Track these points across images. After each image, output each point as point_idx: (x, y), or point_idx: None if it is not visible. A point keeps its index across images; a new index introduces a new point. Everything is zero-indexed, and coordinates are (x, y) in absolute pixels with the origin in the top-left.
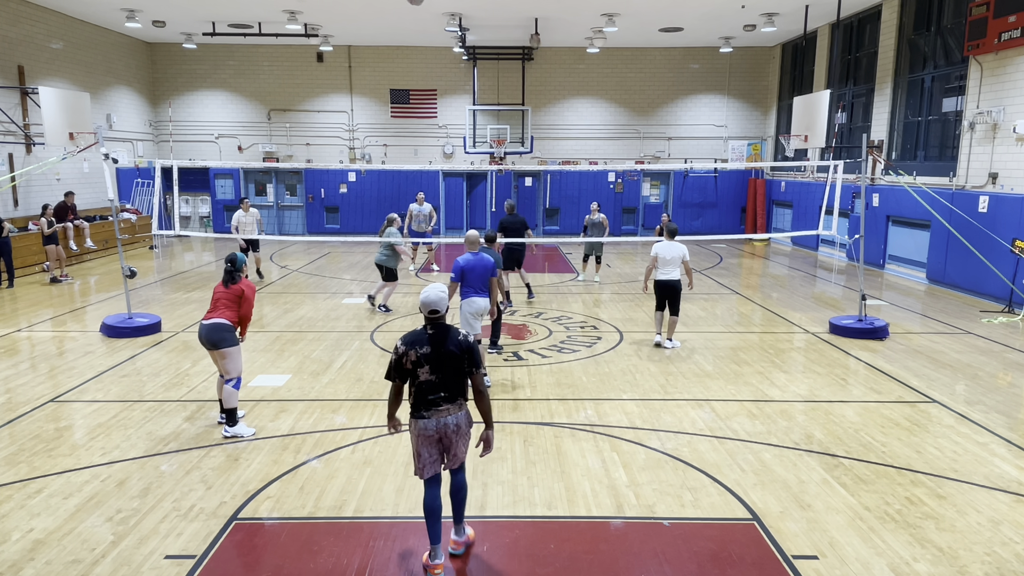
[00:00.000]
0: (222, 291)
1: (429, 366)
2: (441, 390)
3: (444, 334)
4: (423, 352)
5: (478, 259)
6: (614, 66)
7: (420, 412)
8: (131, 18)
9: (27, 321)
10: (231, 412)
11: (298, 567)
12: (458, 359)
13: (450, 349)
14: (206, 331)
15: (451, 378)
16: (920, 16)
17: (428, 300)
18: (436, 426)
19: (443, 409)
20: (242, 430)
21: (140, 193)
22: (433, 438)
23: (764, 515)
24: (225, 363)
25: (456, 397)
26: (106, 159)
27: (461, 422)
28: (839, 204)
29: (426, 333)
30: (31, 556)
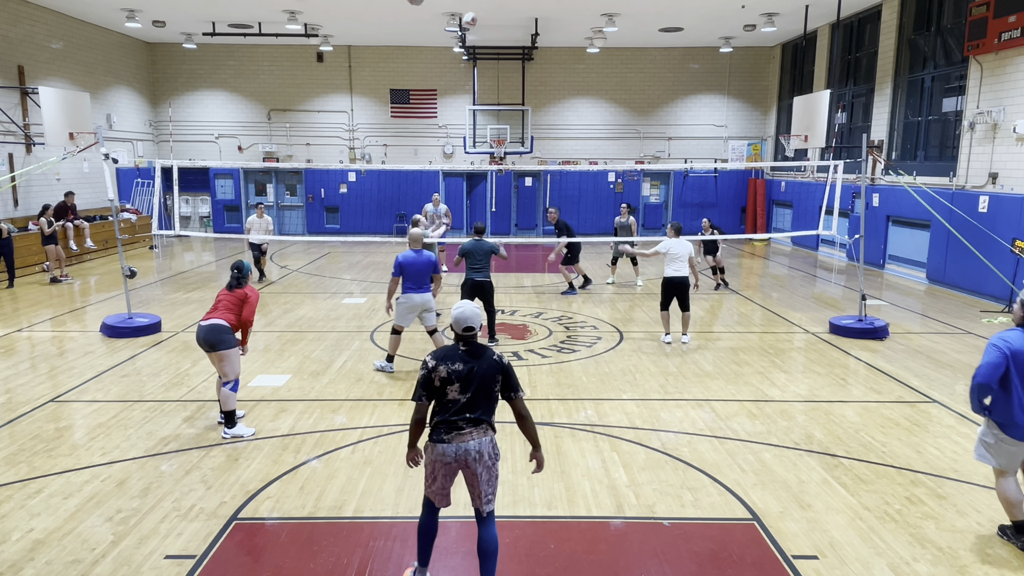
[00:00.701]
0: (225, 294)
1: (460, 384)
2: (467, 411)
3: (479, 352)
4: (454, 369)
5: (418, 256)
6: (614, 66)
7: (440, 435)
8: (131, 18)
9: (27, 321)
10: (229, 415)
11: (298, 567)
12: (492, 380)
13: (485, 368)
14: (204, 332)
15: (481, 400)
16: (920, 16)
17: (464, 316)
18: (456, 452)
19: (466, 433)
20: (241, 431)
21: (140, 193)
22: (452, 467)
23: (764, 515)
24: (223, 365)
25: (482, 421)
26: (106, 159)
27: (484, 449)
28: (839, 204)
29: (459, 349)
30: (31, 556)
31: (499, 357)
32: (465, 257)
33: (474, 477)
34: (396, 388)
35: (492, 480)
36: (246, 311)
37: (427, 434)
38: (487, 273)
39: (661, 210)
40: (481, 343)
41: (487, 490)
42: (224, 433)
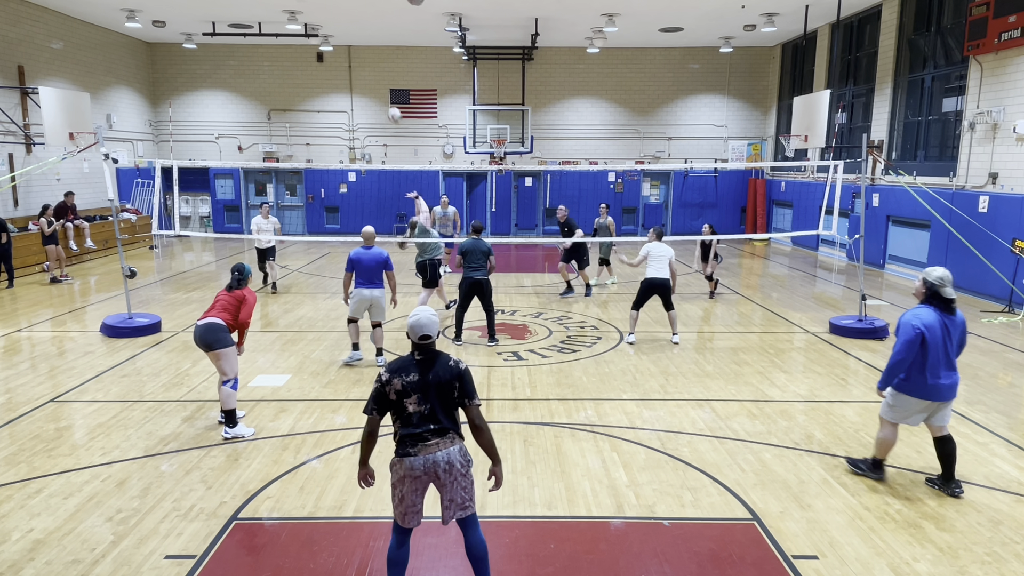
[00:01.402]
0: (224, 295)
1: (417, 396)
2: (430, 422)
3: (433, 360)
4: (409, 380)
5: (368, 252)
6: (614, 66)
7: (406, 449)
8: (131, 18)
9: (27, 321)
10: (230, 413)
11: (298, 567)
12: (449, 387)
13: (440, 376)
14: (200, 331)
15: (441, 409)
16: (920, 16)
17: (419, 324)
18: (424, 464)
19: (432, 444)
20: (242, 431)
21: (140, 193)
22: (422, 480)
23: (764, 515)
24: (220, 364)
25: (447, 431)
26: (106, 159)
27: (454, 459)
28: (839, 204)
29: (413, 360)
30: (31, 556)
31: (456, 363)
32: (463, 256)
33: (444, 487)
34: None
35: (468, 487)
36: (243, 312)
37: (393, 450)
38: (485, 272)
39: (661, 210)
40: (437, 350)
41: (464, 496)
42: (225, 432)
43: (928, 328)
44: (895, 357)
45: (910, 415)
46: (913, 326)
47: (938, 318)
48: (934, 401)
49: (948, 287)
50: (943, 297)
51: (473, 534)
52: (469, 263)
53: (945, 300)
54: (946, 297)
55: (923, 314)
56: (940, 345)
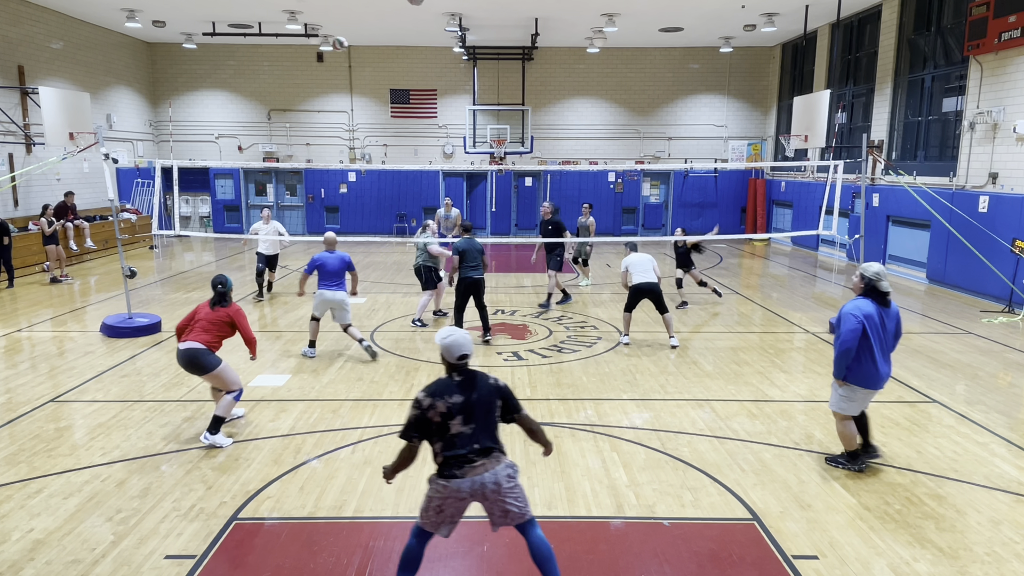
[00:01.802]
0: (205, 312)
1: (461, 417)
2: (475, 443)
3: (473, 379)
4: (453, 402)
5: (332, 256)
6: (614, 66)
7: (452, 471)
8: (131, 18)
9: (27, 321)
10: (218, 420)
11: (298, 567)
12: (492, 406)
13: (482, 395)
14: (184, 359)
15: (486, 429)
16: (920, 16)
17: (457, 344)
18: (471, 487)
19: (479, 465)
20: (220, 440)
21: (140, 193)
22: (467, 501)
23: (764, 515)
24: (220, 382)
25: (492, 450)
26: (106, 159)
27: (500, 479)
28: (839, 204)
29: (453, 381)
30: (31, 556)
31: (495, 380)
32: (461, 256)
33: (493, 505)
34: (396, 388)
35: (520, 495)
36: (243, 332)
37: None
38: (482, 271)
39: (661, 210)
40: (474, 369)
41: (518, 505)
42: (204, 437)
43: (868, 318)
44: (843, 346)
45: (862, 405)
46: (855, 316)
47: (876, 310)
48: (877, 390)
49: (884, 281)
50: (879, 290)
51: (534, 535)
52: (468, 262)
53: (881, 293)
54: (882, 290)
55: (863, 305)
56: (880, 335)
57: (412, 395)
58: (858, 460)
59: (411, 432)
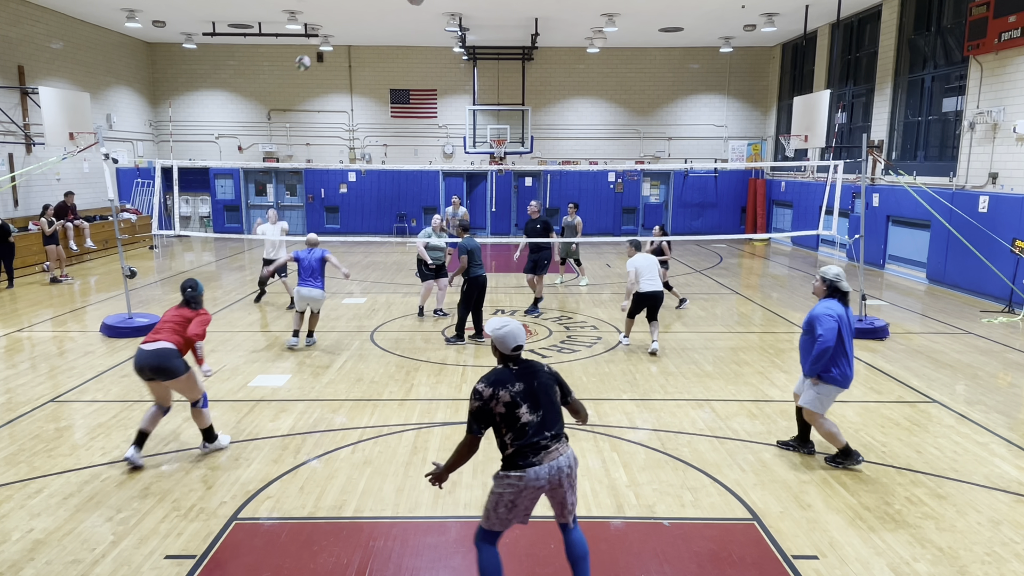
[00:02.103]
0: (173, 312)
1: (527, 404)
2: (546, 429)
3: (533, 368)
4: (516, 391)
5: (308, 254)
6: (614, 66)
7: (528, 460)
8: (131, 18)
9: (27, 321)
10: (208, 431)
11: (298, 567)
12: (553, 391)
13: (543, 381)
14: (150, 358)
15: (552, 414)
16: (920, 16)
17: (512, 335)
18: (549, 473)
19: (553, 451)
20: (221, 442)
21: (140, 193)
22: (542, 489)
23: (764, 515)
24: (183, 392)
25: (561, 435)
26: (106, 159)
27: (572, 462)
28: (839, 204)
29: (511, 370)
30: (31, 556)
31: (547, 367)
32: (470, 255)
33: (564, 492)
34: (396, 388)
35: (575, 487)
36: (193, 327)
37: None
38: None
39: (661, 210)
40: (523, 360)
41: (573, 500)
42: (203, 447)
43: (840, 318)
44: (822, 345)
45: (832, 402)
46: (831, 316)
47: (844, 310)
48: (846, 388)
49: (844, 281)
50: (841, 291)
51: (577, 533)
52: (476, 261)
53: (843, 293)
54: (843, 290)
55: (834, 306)
56: (850, 335)
57: (412, 395)
58: (852, 455)
59: (477, 425)
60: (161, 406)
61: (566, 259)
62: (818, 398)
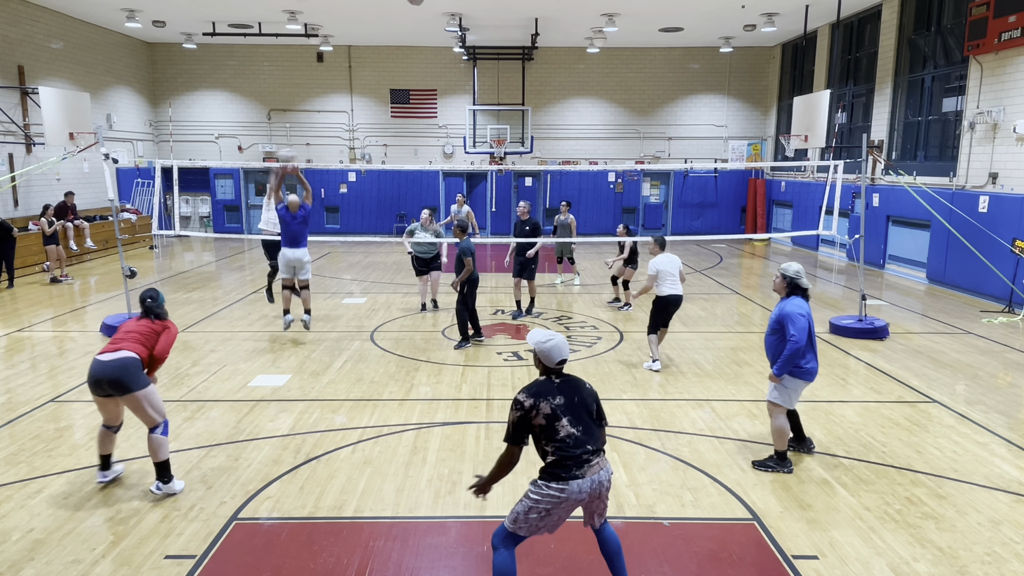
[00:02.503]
0: (137, 324)
1: (568, 418)
2: (587, 443)
3: (575, 382)
4: (557, 403)
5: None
6: (614, 66)
7: (570, 472)
8: (131, 18)
9: (27, 321)
10: (163, 465)
11: (298, 567)
12: (591, 407)
13: (584, 397)
14: (109, 370)
15: (592, 429)
16: (920, 16)
17: (558, 347)
18: (591, 486)
19: (595, 464)
20: (176, 486)
21: (140, 193)
22: (581, 501)
23: (764, 515)
24: (143, 410)
25: (600, 449)
26: (106, 159)
27: (609, 476)
28: (839, 204)
29: (553, 383)
30: (31, 556)
31: (590, 385)
32: (473, 256)
33: (601, 504)
34: (396, 388)
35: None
36: (161, 343)
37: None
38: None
39: (661, 210)
40: (565, 375)
41: (606, 505)
42: (156, 488)
43: (807, 315)
44: (795, 346)
45: (798, 396)
46: (799, 314)
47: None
48: (811, 382)
49: (804, 278)
50: (802, 287)
51: (607, 529)
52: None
53: (803, 289)
54: (803, 287)
55: (801, 304)
56: (813, 330)
57: (412, 395)
58: (786, 462)
59: (518, 435)
60: (110, 426)
61: (562, 258)
62: (786, 392)
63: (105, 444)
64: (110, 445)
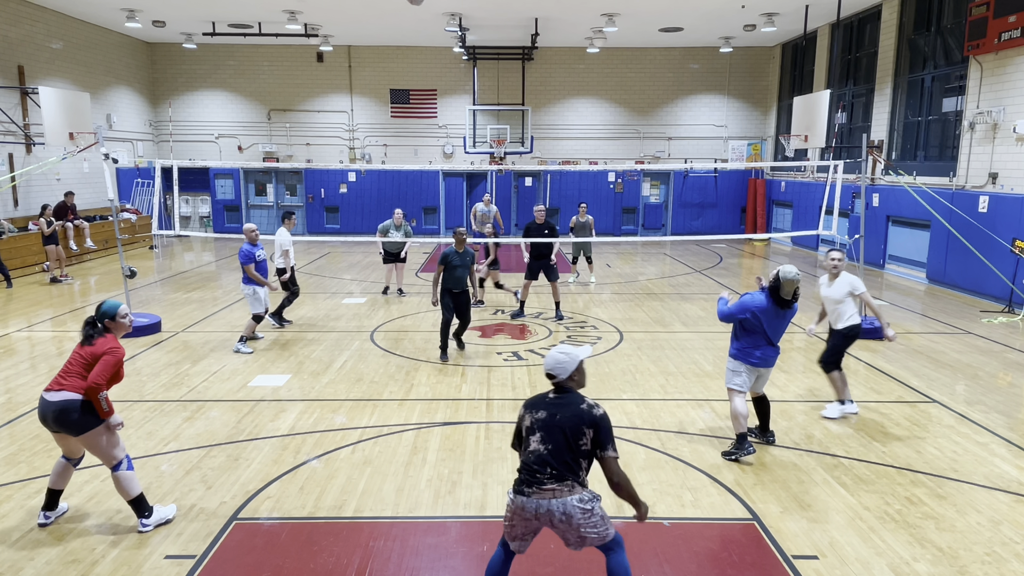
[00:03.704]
0: (77, 351)
1: (541, 435)
2: (548, 466)
3: (566, 401)
4: (537, 417)
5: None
6: (614, 66)
7: (520, 487)
8: (131, 18)
9: (27, 321)
10: (136, 501)
11: (298, 567)
12: (578, 433)
13: (567, 418)
14: (50, 410)
15: (564, 454)
16: (920, 16)
17: (547, 361)
18: (536, 509)
19: (547, 489)
20: (162, 514)
21: (140, 193)
22: (532, 523)
23: (764, 515)
24: (97, 451)
25: (565, 476)
26: (106, 159)
27: (571, 510)
28: (839, 204)
29: (548, 397)
30: (31, 556)
31: (590, 408)
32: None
33: (563, 533)
34: (396, 388)
35: (597, 523)
36: (94, 373)
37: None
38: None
39: (661, 210)
40: (572, 391)
41: (595, 532)
42: (143, 526)
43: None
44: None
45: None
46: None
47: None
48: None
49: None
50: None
51: (613, 559)
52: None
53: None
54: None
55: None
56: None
57: (412, 395)
58: (745, 444)
59: (514, 440)
60: (70, 458)
61: (577, 258)
62: (733, 374)
63: (60, 478)
64: (64, 481)
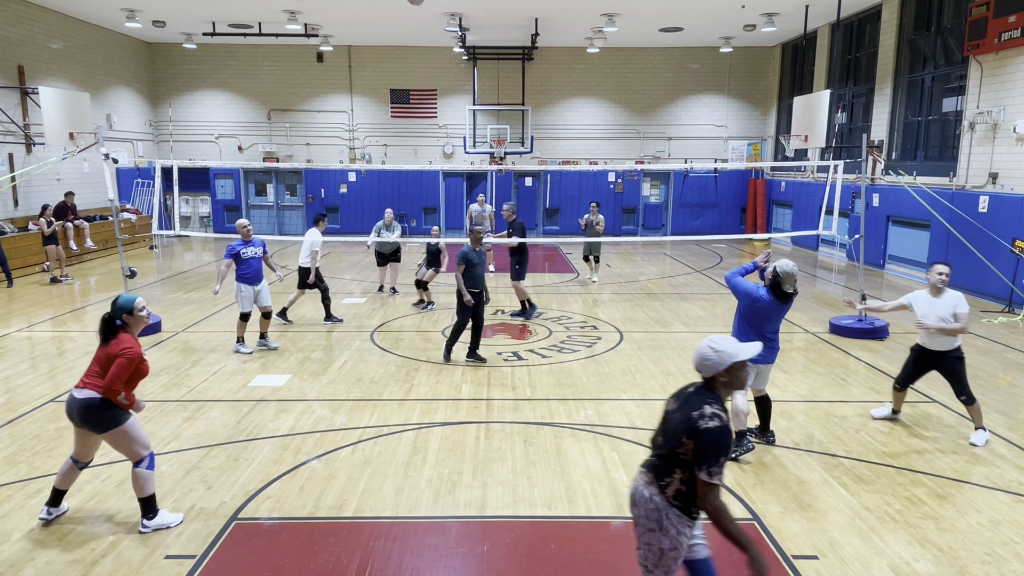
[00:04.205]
0: (97, 350)
1: (662, 424)
2: (654, 451)
3: (692, 400)
4: (668, 408)
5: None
6: (614, 66)
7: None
8: (131, 18)
9: (27, 321)
10: (147, 500)
11: (298, 567)
12: (675, 438)
13: (679, 420)
14: (76, 408)
15: (663, 450)
16: (920, 16)
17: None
18: (633, 489)
19: (641, 473)
20: (165, 519)
21: (140, 193)
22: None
23: (764, 515)
24: (121, 447)
25: (656, 468)
26: (106, 159)
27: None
28: (839, 204)
29: (685, 390)
30: (31, 556)
31: (699, 416)
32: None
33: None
34: (396, 388)
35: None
36: (110, 376)
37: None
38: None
39: (661, 210)
40: (700, 390)
41: (640, 553)
42: (143, 527)
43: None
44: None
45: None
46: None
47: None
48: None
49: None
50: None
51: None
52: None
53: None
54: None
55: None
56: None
57: (412, 395)
58: (744, 442)
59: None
60: (79, 460)
61: (588, 257)
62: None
63: (65, 479)
64: (69, 482)
